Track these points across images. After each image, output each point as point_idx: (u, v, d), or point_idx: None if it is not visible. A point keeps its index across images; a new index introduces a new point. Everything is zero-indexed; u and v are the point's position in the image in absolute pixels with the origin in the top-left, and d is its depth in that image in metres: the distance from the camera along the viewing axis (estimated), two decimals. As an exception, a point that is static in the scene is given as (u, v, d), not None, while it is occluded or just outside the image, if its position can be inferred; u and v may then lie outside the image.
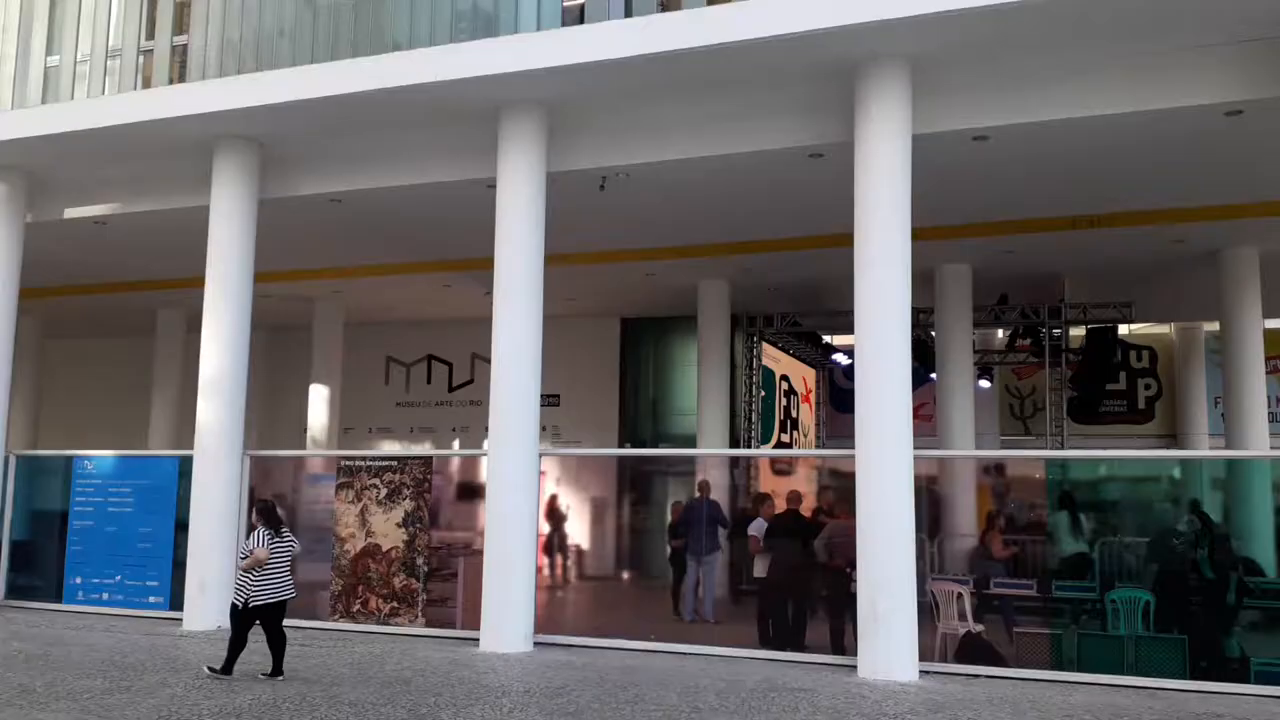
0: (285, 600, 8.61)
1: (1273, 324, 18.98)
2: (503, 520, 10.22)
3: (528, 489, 10.33)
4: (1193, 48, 8.97)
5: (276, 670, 8.50)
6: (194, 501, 11.51)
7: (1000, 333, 20.19)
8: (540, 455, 10.60)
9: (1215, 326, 17.71)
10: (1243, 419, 14.91)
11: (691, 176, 11.45)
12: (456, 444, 20.14)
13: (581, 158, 10.95)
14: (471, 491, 11.99)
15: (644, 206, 12.68)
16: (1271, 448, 15.12)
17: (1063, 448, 17.24)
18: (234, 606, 8.56)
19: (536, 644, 10.24)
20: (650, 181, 11.58)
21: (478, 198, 11.28)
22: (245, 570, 8.48)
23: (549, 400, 18.18)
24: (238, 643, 8.50)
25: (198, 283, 11.98)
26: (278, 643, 8.57)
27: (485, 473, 10.59)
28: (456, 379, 20.97)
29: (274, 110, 11.00)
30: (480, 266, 11.54)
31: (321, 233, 14.24)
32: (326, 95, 10.65)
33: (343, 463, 11.96)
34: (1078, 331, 18.00)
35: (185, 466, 12.07)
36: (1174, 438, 21.49)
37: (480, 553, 10.52)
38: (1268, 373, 16.02)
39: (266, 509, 8.71)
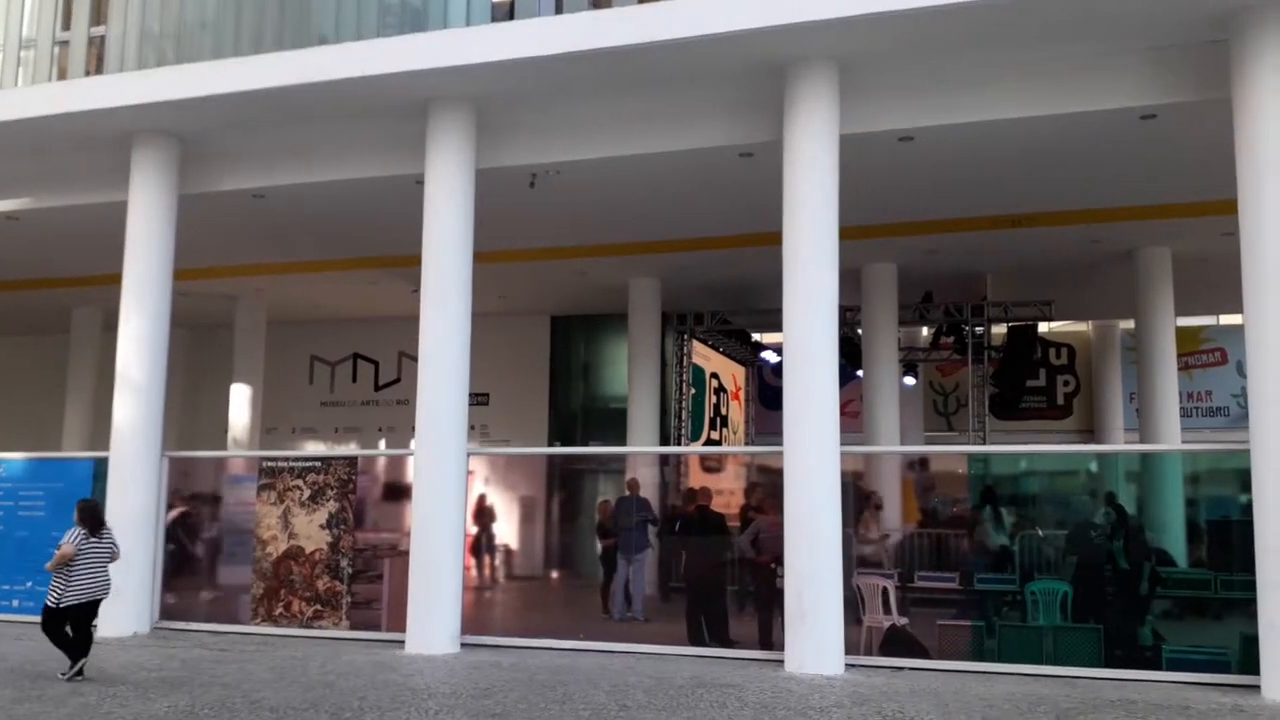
0: (98, 600, 8.60)
1: (1185, 322, 19.68)
2: (429, 521, 10.10)
3: (455, 489, 10.22)
4: (1109, 53, 9.21)
5: (77, 673, 8.41)
6: (110, 505, 11.15)
7: (925, 331, 20.56)
8: (468, 455, 10.50)
9: (1130, 324, 18.25)
10: (1156, 414, 15.39)
11: (622, 174, 11.44)
12: (383, 444, 19.88)
13: (511, 154, 10.87)
14: (398, 492, 11.83)
15: (575, 204, 12.63)
16: (1183, 442, 15.60)
17: (984, 443, 17.60)
18: (46, 608, 8.50)
19: (464, 645, 10.14)
20: (581, 179, 11.54)
21: (405, 194, 11.13)
22: (52, 568, 8.46)
23: (478, 399, 18.05)
24: (62, 643, 8.48)
25: (115, 280, 11.64)
26: (84, 644, 8.52)
27: (412, 473, 10.45)
28: (383, 378, 20.68)
29: (195, 104, 10.72)
30: (407, 264, 11.40)
31: (244, 229, 13.92)
32: (249, 89, 10.41)
33: (265, 463, 11.71)
34: (999, 329, 18.39)
35: (100, 469, 11.71)
36: (1091, 433, 22.09)
37: (406, 554, 10.38)
38: (1180, 369, 16.56)
39: (86, 508, 8.75)
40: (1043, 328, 19.39)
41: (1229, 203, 8.75)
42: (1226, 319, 21.36)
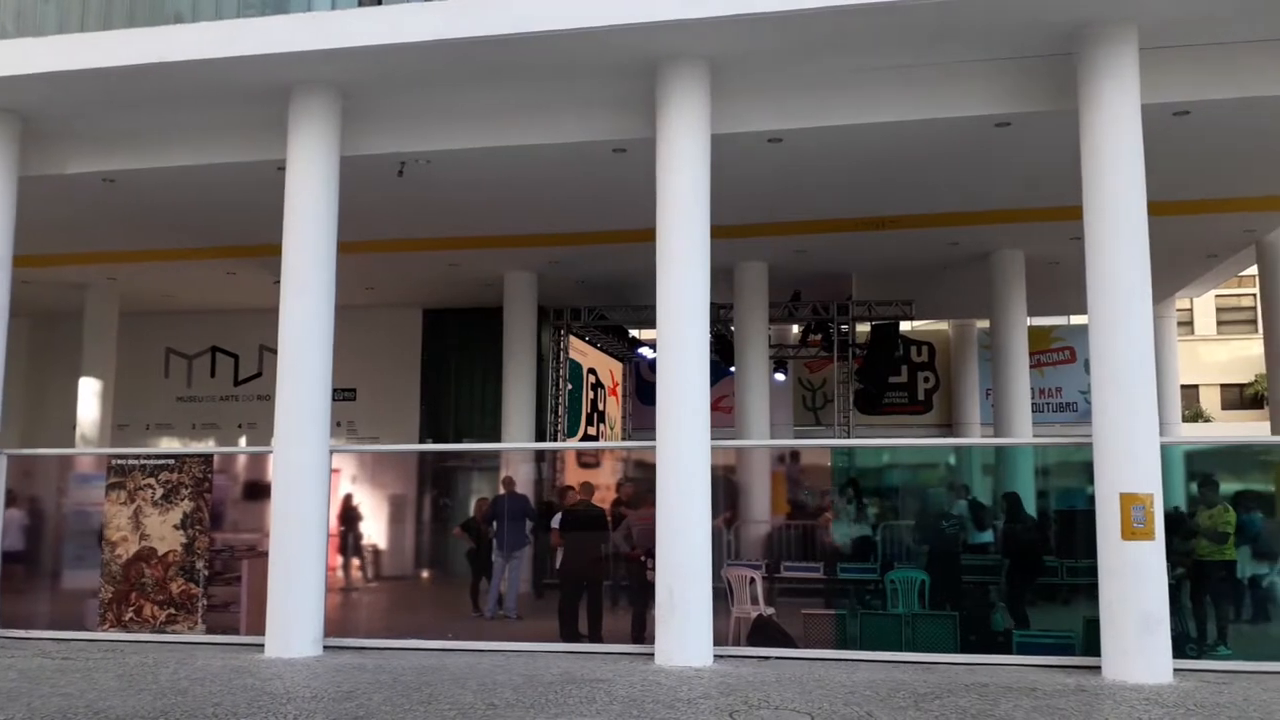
0: None
1: (1037, 322, 20.69)
2: (290, 520, 9.75)
3: (317, 487, 9.90)
4: (967, 62, 9.55)
5: None
6: (-61, 506, 10.44)
7: (795, 328, 21.04)
8: (332, 452, 10.20)
9: (986, 324, 19.06)
10: (1010, 409, 16.12)
11: (495, 165, 11.28)
12: (243, 440, 19.15)
13: (379, 142, 10.59)
14: (258, 491, 11.41)
15: (446, 194, 12.40)
16: (1034, 436, 16.38)
17: (849, 437, 18.12)
18: None
19: (327, 648, 9.83)
20: (452, 169, 11.34)
21: (266, 180, 10.73)
22: None
23: (344, 394, 17.57)
24: None
25: (-55, 265, 10.86)
26: None
27: (271, 471, 10.09)
28: (243, 372, 19.91)
29: (36, 81, 10.04)
30: (268, 253, 11.00)
31: (93, 215, 13.17)
32: (97, 67, 9.82)
33: (114, 461, 11.12)
34: (864, 328, 18.96)
35: (-71, 468, 10.91)
36: (950, 427, 23.03)
37: (266, 554, 10.01)
38: (1032, 367, 17.39)
39: None
40: (905, 326, 20.07)
41: (1076, 209, 9.18)
42: (1076, 319, 22.55)
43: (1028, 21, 8.90)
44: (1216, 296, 34.95)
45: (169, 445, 19.24)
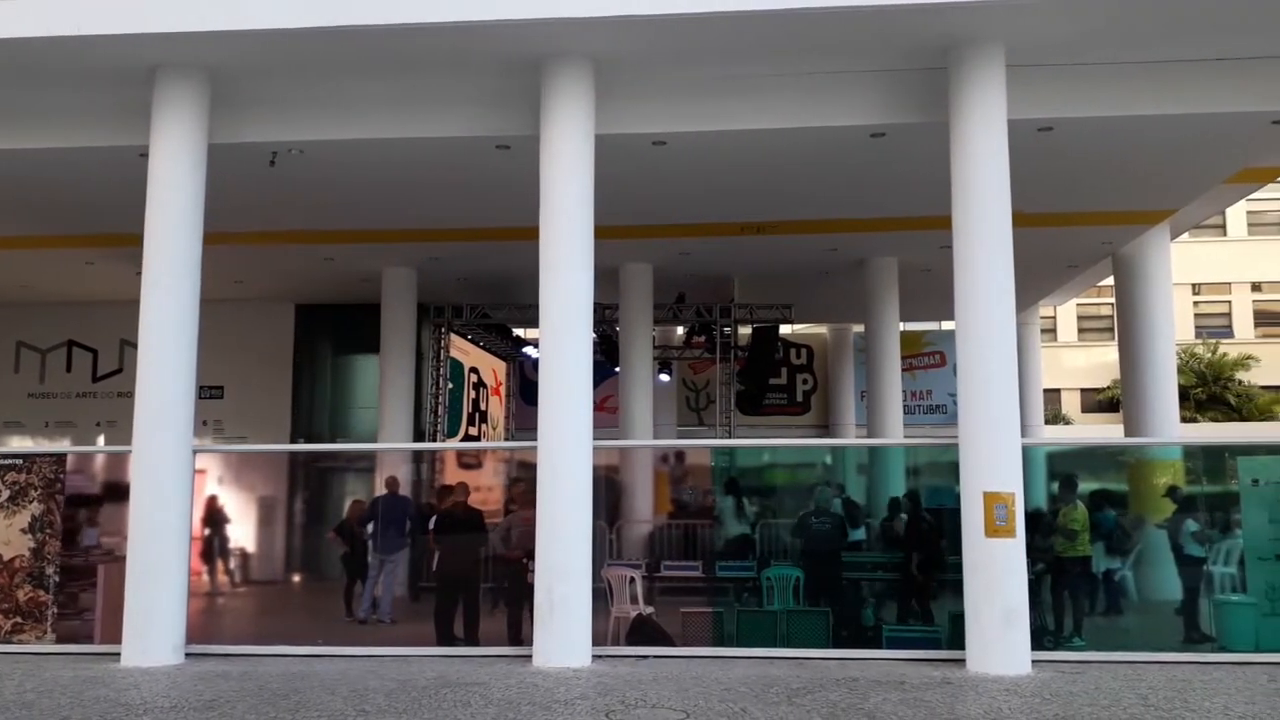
0: None
1: (909, 327, 21.34)
2: (149, 523, 9.29)
3: (179, 489, 9.45)
4: (844, 73, 9.76)
5: None
6: None
7: (679, 330, 21.19)
8: (195, 452, 9.77)
9: (861, 328, 19.57)
10: (882, 411, 16.58)
11: (372, 158, 11.00)
12: (101, 440, 18.22)
13: (249, 130, 10.19)
14: (117, 492, 10.85)
15: (321, 186, 12.02)
16: (905, 437, 16.87)
17: (730, 437, 18.35)
18: None
19: (189, 655, 9.41)
20: (328, 160, 11.01)
21: (127, 167, 10.20)
22: None
23: (210, 392, 16.89)
24: None
25: None
26: None
27: (131, 471, 9.60)
28: (102, 368, 18.93)
29: None
30: (130, 243, 10.45)
31: (-66, 198, 12.35)
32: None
33: (-45, 462, 10.42)
34: (746, 330, 19.23)
35: None
36: (827, 428, 23.59)
37: (124, 559, 9.52)
38: (904, 370, 17.92)
39: None
40: (784, 329, 20.44)
41: (947, 218, 9.47)
42: (946, 325, 23.36)
43: (902, 36, 9.15)
44: (1077, 305, 36.82)
45: (19, 444, 18.17)
